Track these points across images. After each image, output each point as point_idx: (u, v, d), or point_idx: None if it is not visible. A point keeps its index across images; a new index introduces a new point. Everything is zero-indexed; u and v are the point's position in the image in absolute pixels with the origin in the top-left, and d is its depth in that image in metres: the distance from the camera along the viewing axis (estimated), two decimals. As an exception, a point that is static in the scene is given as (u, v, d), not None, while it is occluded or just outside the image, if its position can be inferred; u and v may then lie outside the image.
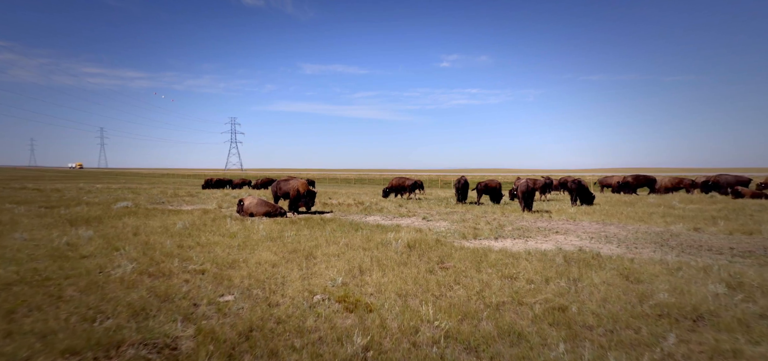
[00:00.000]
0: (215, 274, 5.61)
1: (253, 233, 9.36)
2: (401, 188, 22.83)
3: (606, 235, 9.87)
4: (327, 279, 5.51)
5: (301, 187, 14.95)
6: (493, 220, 12.71)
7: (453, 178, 68.88)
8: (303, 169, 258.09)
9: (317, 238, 8.75)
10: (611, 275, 5.62)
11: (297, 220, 12.26)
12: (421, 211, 15.70)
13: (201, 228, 10.01)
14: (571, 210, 15.15)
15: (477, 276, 5.76)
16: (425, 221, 12.87)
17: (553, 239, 9.45)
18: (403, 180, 22.89)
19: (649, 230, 10.45)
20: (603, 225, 11.56)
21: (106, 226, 10.07)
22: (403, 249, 7.45)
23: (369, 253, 7.13)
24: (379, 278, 5.60)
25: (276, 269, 5.98)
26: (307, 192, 14.78)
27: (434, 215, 14.52)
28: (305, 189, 14.90)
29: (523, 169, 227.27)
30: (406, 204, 18.53)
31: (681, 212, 14.29)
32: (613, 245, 8.58)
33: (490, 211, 15.53)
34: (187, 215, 12.67)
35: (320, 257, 6.84)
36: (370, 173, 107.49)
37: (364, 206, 16.96)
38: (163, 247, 7.35)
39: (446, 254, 7.16)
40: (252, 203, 13.77)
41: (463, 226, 11.47)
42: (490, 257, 6.80)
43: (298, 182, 15.18)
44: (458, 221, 12.67)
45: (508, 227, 11.17)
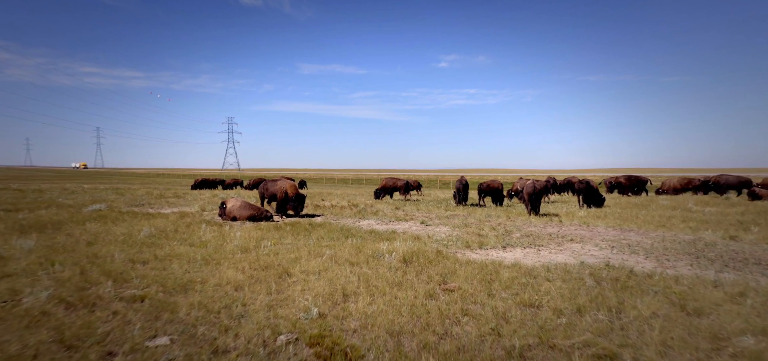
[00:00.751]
0: (157, 302, 4.41)
1: (226, 242, 8.17)
2: (393, 189, 21.65)
3: (628, 243, 8.72)
4: (300, 308, 4.34)
5: (289, 188, 13.77)
6: (499, 225, 11.55)
7: (452, 178, 67.61)
8: (300, 169, 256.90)
9: (299, 248, 7.56)
10: (660, 303, 4.46)
11: (283, 225, 11.07)
12: (419, 214, 14.53)
13: (169, 236, 8.81)
14: (580, 213, 14.00)
15: (489, 302, 4.60)
16: (424, 226, 11.71)
17: (569, 249, 8.30)
18: (395, 180, 21.72)
19: (676, 237, 9.30)
20: (621, 231, 10.41)
21: (61, 234, 8.85)
22: (397, 264, 6.27)
23: (357, 269, 5.95)
24: (366, 306, 4.43)
25: (239, 294, 4.79)
26: (296, 195, 13.60)
27: (433, 218, 13.35)
28: (294, 191, 13.72)
29: (522, 170, 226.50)
30: (403, 206, 17.37)
31: (700, 215, 13.17)
32: (640, 257, 7.43)
33: (493, 214, 14.37)
34: (160, 220, 11.46)
35: (298, 274, 5.66)
36: (367, 173, 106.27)
37: (358, 209, 15.78)
38: (110, 262, 6.14)
39: (449, 270, 5.99)
40: (235, 206, 12.58)
41: (466, 232, 10.31)
42: (502, 275, 5.63)
43: (286, 183, 14.00)
44: (460, 225, 11.51)
45: (515, 234, 10.01)
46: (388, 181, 21.75)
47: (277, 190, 13.95)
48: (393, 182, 21.72)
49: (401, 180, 21.76)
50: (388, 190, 21.63)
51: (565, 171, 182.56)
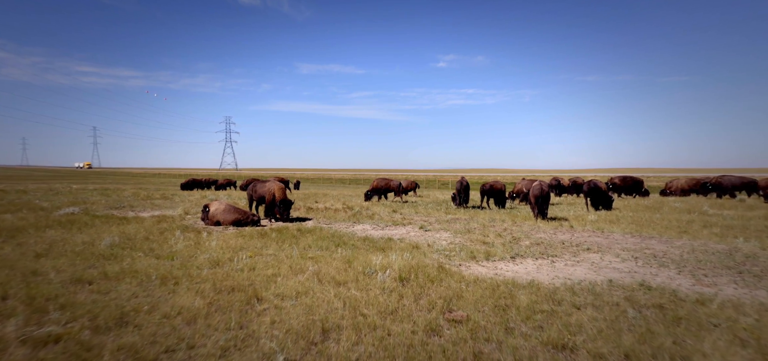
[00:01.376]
0: (76, 345, 3.39)
1: (199, 253, 7.16)
2: (385, 190, 20.63)
3: (653, 254, 7.75)
4: (263, 354, 3.33)
5: (277, 191, 12.74)
6: (504, 230, 10.57)
7: (450, 178, 66.54)
8: (298, 169, 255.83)
9: (280, 262, 6.55)
10: (729, 344, 3.48)
11: (269, 231, 10.06)
12: (417, 217, 13.54)
13: (136, 245, 7.79)
14: (590, 217, 13.03)
15: (508, 341, 3.61)
16: (423, 232, 10.73)
17: (587, 260, 7.33)
18: (387, 181, 20.71)
19: (706, 247, 8.33)
20: (641, 239, 9.43)
21: (12, 243, 7.82)
22: (393, 283, 5.27)
23: (344, 291, 4.95)
24: (350, 349, 3.44)
25: (189, 329, 3.78)
26: (282, 200, 12.58)
27: (433, 222, 12.37)
28: (282, 194, 12.70)
29: (521, 170, 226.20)
30: (401, 209, 16.36)
31: (721, 220, 12.22)
32: (671, 271, 6.46)
33: (497, 217, 13.40)
34: (133, 226, 10.43)
35: (270, 299, 4.65)
36: (365, 173, 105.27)
37: (353, 212, 14.77)
38: (46, 283, 5.12)
39: (454, 291, 5.00)
40: (218, 210, 11.56)
41: (470, 239, 9.32)
42: (519, 300, 4.64)
43: (274, 185, 12.98)
44: (462, 231, 10.52)
45: (524, 241, 9.03)
46: (379, 182, 20.72)
47: (265, 192, 12.93)
48: (385, 183, 20.71)
49: (394, 181, 20.76)
50: (380, 191, 20.63)
51: (563, 171, 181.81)
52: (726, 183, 21.26)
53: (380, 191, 20.61)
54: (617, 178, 23.68)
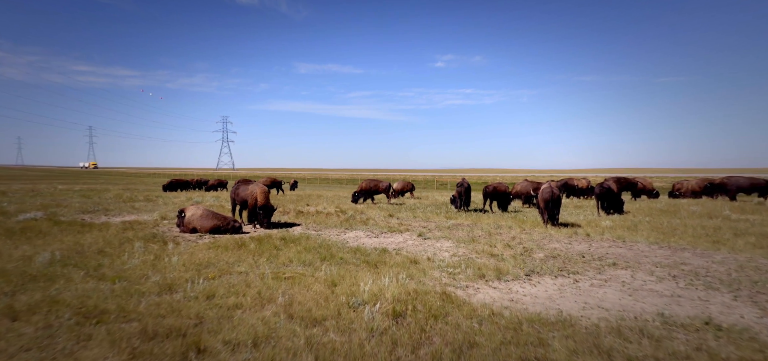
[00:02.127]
0: None
1: (153, 273, 5.95)
2: (374, 192, 19.45)
3: (693, 271, 6.59)
4: None
5: (259, 194, 11.52)
6: (513, 239, 9.40)
7: (449, 179, 65.24)
8: (296, 169, 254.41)
9: (247, 286, 5.35)
10: None
11: (249, 240, 8.85)
12: (415, 223, 12.36)
13: (83, 260, 6.57)
14: (605, 223, 11.87)
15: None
16: (422, 240, 9.56)
17: (616, 279, 6.17)
18: (376, 183, 19.53)
19: (755, 263, 7.17)
20: (671, 250, 8.27)
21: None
22: (384, 321, 4.08)
23: (319, 333, 3.76)
24: None
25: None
26: (264, 205, 11.36)
27: (433, 229, 11.20)
28: (264, 199, 11.47)
29: (519, 170, 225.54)
30: (398, 212, 15.16)
31: (749, 226, 11.09)
32: (724, 295, 5.31)
33: (502, 222, 12.24)
34: (94, 234, 9.19)
35: (215, 352, 3.44)
36: (363, 173, 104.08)
37: (347, 216, 13.58)
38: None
39: (465, 335, 3.81)
40: (195, 215, 10.33)
41: (475, 250, 8.15)
42: (554, 352, 3.46)
43: (257, 187, 11.75)
44: (466, 239, 9.35)
45: (537, 253, 7.87)
46: (367, 183, 19.55)
47: (248, 195, 11.71)
48: (374, 184, 19.54)
49: (382, 183, 19.60)
50: (367, 193, 19.45)
51: (561, 172, 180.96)
52: (733, 185, 19.97)
53: (368, 192, 19.46)
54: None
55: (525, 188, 19.59)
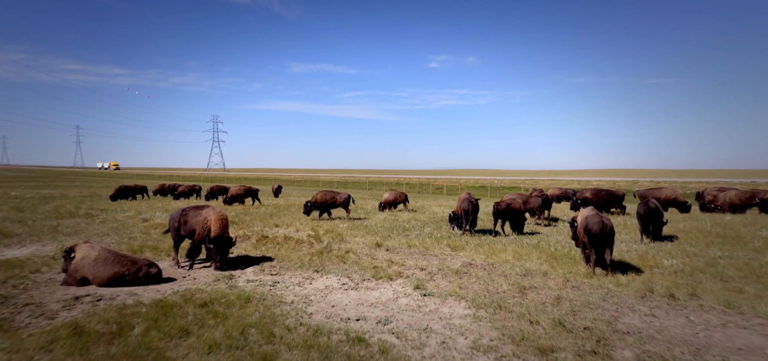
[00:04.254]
0: None
1: None
2: (330, 205, 16.43)
3: None
4: None
5: (213, 222, 8.29)
6: (559, 302, 6.32)
7: (445, 182, 61.83)
8: (287, 170, 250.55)
9: None
10: None
11: (148, 309, 5.68)
12: (411, 258, 9.24)
13: None
14: (668, 262, 8.84)
15: None
16: (420, 297, 6.49)
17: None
18: (333, 194, 16.50)
19: None
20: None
21: None
22: None
23: None
24: None
25: None
26: (217, 238, 8.16)
27: (435, 271, 8.11)
28: (220, 228, 8.27)
29: (515, 171, 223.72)
30: (387, 239, 12.00)
31: None
32: None
33: (527, 257, 9.20)
34: None
35: None
36: (356, 175, 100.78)
37: (321, 246, 10.41)
38: None
39: None
40: (87, 259, 7.07)
41: (509, 332, 5.07)
42: None
43: (211, 213, 8.48)
44: (487, 300, 6.26)
45: (619, 347, 4.80)
46: (323, 194, 16.50)
47: (197, 224, 8.43)
48: (330, 196, 16.48)
49: (341, 194, 16.54)
50: (322, 206, 16.39)
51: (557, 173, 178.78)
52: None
53: (323, 206, 16.37)
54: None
55: (536, 203, 16.63)
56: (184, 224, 8.52)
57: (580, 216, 8.84)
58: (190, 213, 8.60)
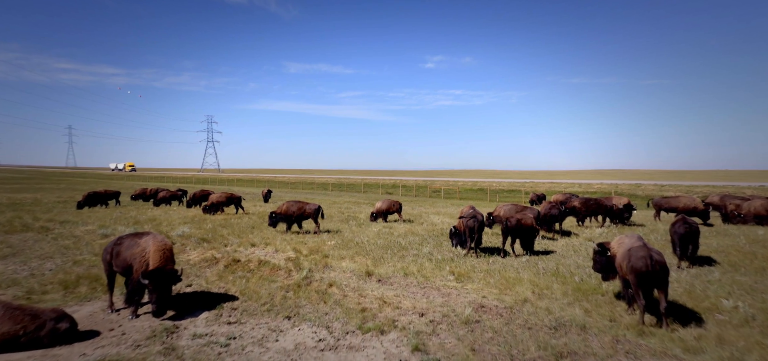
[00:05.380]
0: None
1: None
2: (299, 217, 14.73)
3: None
4: None
5: (154, 254, 6.52)
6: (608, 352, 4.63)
7: (442, 184, 59.78)
8: (283, 170, 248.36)
9: None
10: None
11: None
12: (408, 289, 7.51)
13: None
14: (727, 303, 7.16)
15: None
16: None
17: None
18: (302, 206, 14.79)
19: None
20: None
21: None
22: None
23: None
24: None
25: None
26: (156, 271, 6.36)
27: (437, 312, 6.39)
28: (161, 259, 6.49)
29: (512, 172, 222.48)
30: (380, 265, 10.22)
31: None
32: None
33: (544, 285, 7.50)
34: None
35: None
36: (351, 177, 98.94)
37: (300, 275, 8.64)
38: None
39: None
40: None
41: None
42: None
43: (152, 242, 6.70)
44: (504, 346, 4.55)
45: None
46: (290, 205, 14.79)
47: (134, 257, 6.63)
48: (299, 207, 14.77)
49: (310, 205, 14.82)
50: (289, 219, 14.70)
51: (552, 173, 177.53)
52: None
53: (290, 218, 14.65)
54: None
55: (547, 210, 14.98)
56: (116, 256, 6.70)
57: (619, 245, 7.12)
58: (126, 243, 6.80)
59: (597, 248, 7.88)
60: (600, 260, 7.76)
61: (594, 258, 7.92)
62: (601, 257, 7.74)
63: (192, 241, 12.28)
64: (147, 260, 6.53)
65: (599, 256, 7.80)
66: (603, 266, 7.69)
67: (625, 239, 7.03)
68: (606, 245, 7.76)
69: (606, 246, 7.74)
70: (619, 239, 7.29)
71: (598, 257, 7.82)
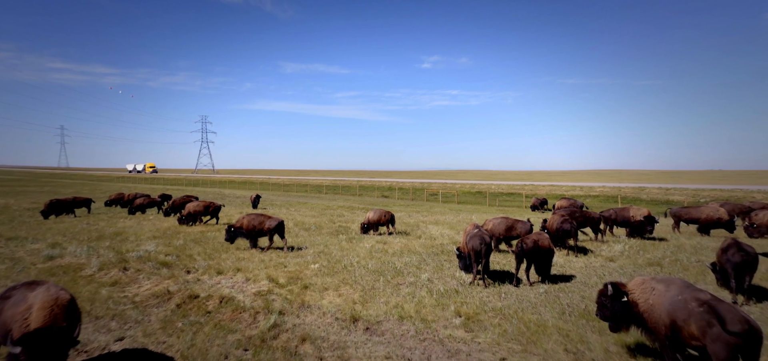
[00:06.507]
0: None
1: None
2: (257, 233, 13.08)
3: None
4: None
5: (37, 312, 4.63)
6: None
7: (440, 186, 57.58)
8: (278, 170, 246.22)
9: None
10: None
11: None
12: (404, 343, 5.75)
13: None
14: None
15: None
16: None
17: None
18: (262, 220, 13.13)
19: None
20: None
21: None
22: None
23: None
24: None
25: None
26: (38, 334, 4.51)
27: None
28: (47, 318, 4.62)
29: (512, 173, 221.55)
30: (371, 294, 8.43)
31: None
32: None
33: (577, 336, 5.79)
34: None
35: None
36: (346, 178, 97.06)
37: (269, 323, 6.85)
38: None
39: None
40: None
41: None
42: None
43: (40, 297, 4.81)
44: None
45: None
46: (249, 220, 13.15)
47: (16, 317, 4.74)
48: (258, 222, 13.12)
49: (270, 220, 13.14)
50: (249, 234, 13.03)
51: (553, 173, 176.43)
52: None
53: (249, 233, 13.00)
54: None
55: (559, 225, 13.30)
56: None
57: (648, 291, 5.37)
58: (14, 296, 4.94)
59: (608, 290, 5.98)
60: (610, 308, 5.87)
61: (599, 301, 6.08)
62: (614, 304, 5.85)
63: (149, 266, 10.43)
64: (28, 321, 4.70)
65: (611, 301, 5.89)
66: (615, 314, 5.86)
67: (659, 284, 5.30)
68: (620, 287, 5.94)
69: (620, 288, 5.92)
70: (645, 283, 5.57)
71: (607, 303, 5.92)
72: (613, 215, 16.39)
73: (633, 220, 15.74)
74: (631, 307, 5.66)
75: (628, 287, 5.90)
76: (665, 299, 5.20)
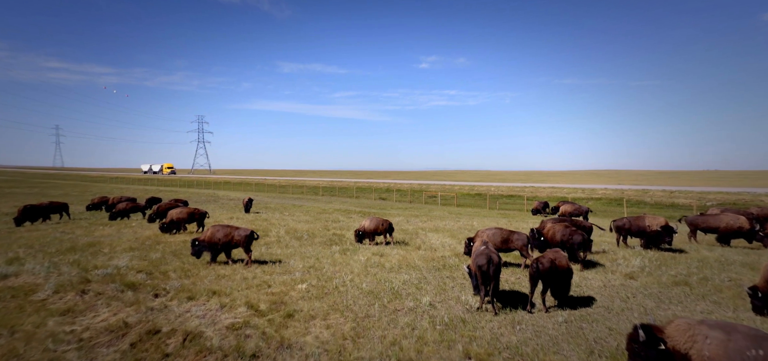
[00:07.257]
0: None
1: None
2: (228, 245, 11.91)
3: None
4: None
5: None
6: None
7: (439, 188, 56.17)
8: (275, 170, 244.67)
9: None
10: None
11: None
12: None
13: None
14: None
15: None
16: None
17: None
18: (230, 232, 11.90)
19: None
20: None
21: None
22: None
23: None
24: None
25: None
26: None
27: None
28: None
29: (510, 173, 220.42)
30: (364, 327, 7.23)
31: None
32: None
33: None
34: None
35: None
36: (343, 179, 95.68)
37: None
38: None
39: None
40: None
41: None
42: None
43: None
44: None
45: None
46: (215, 230, 11.98)
47: None
48: (227, 234, 11.95)
49: (241, 230, 11.92)
50: (213, 247, 11.86)
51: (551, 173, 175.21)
52: None
53: (215, 246, 11.82)
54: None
55: (568, 236, 12.15)
56: None
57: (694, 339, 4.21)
58: None
59: (639, 335, 4.88)
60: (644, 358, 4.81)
61: (630, 348, 5.03)
62: (648, 353, 4.78)
63: (112, 288, 9.16)
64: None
65: (644, 349, 4.83)
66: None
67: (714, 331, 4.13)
68: (655, 330, 4.82)
69: (655, 332, 4.80)
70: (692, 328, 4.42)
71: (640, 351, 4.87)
72: (627, 223, 15.22)
73: (649, 229, 14.57)
74: (673, 358, 4.55)
75: (665, 332, 4.77)
76: (728, 354, 4.01)
